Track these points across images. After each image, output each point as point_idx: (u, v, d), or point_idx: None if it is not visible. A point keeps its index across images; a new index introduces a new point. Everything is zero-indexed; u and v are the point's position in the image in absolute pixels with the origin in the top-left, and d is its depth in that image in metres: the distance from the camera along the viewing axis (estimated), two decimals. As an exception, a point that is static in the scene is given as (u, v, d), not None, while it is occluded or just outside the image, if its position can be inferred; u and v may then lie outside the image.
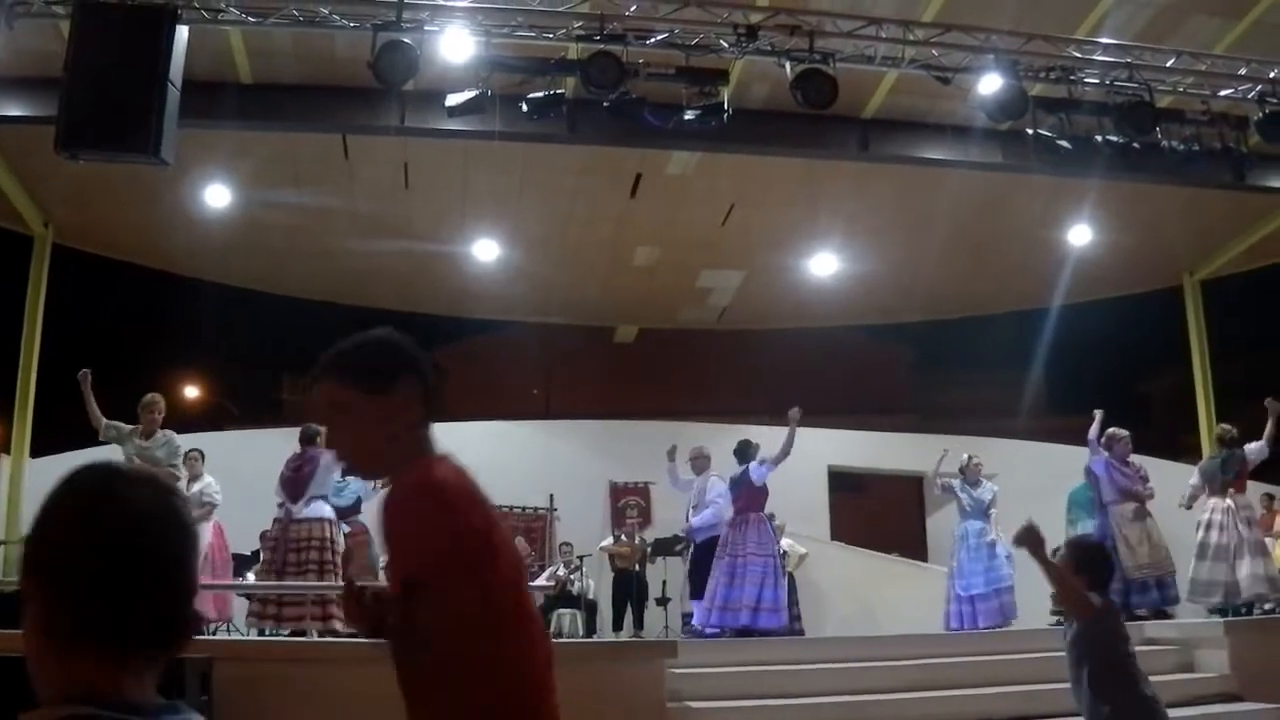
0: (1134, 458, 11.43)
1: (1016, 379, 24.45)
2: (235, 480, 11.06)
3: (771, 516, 11.12)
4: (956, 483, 11.73)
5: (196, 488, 10.57)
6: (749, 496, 10.90)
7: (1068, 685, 4.64)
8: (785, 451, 10.85)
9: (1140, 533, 10.80)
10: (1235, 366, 18.38)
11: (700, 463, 11.61)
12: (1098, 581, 4.68)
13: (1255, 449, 10.75)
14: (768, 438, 11.65)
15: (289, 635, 9.00)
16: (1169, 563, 10.77)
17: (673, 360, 23.09)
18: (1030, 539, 4.46)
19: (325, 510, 9.62)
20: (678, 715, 7.44)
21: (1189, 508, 11.14)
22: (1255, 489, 12.37)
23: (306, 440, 9.75)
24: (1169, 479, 12.07)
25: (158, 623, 1.36)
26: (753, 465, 10.93)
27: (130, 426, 9.30)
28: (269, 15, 8.72)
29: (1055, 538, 6.61)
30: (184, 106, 8.13)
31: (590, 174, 13.09)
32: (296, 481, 9.59)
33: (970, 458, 11.85)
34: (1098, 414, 11.31)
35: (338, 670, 7.16)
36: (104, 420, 9.22)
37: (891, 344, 26.38)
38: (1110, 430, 11.28)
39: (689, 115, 9.37)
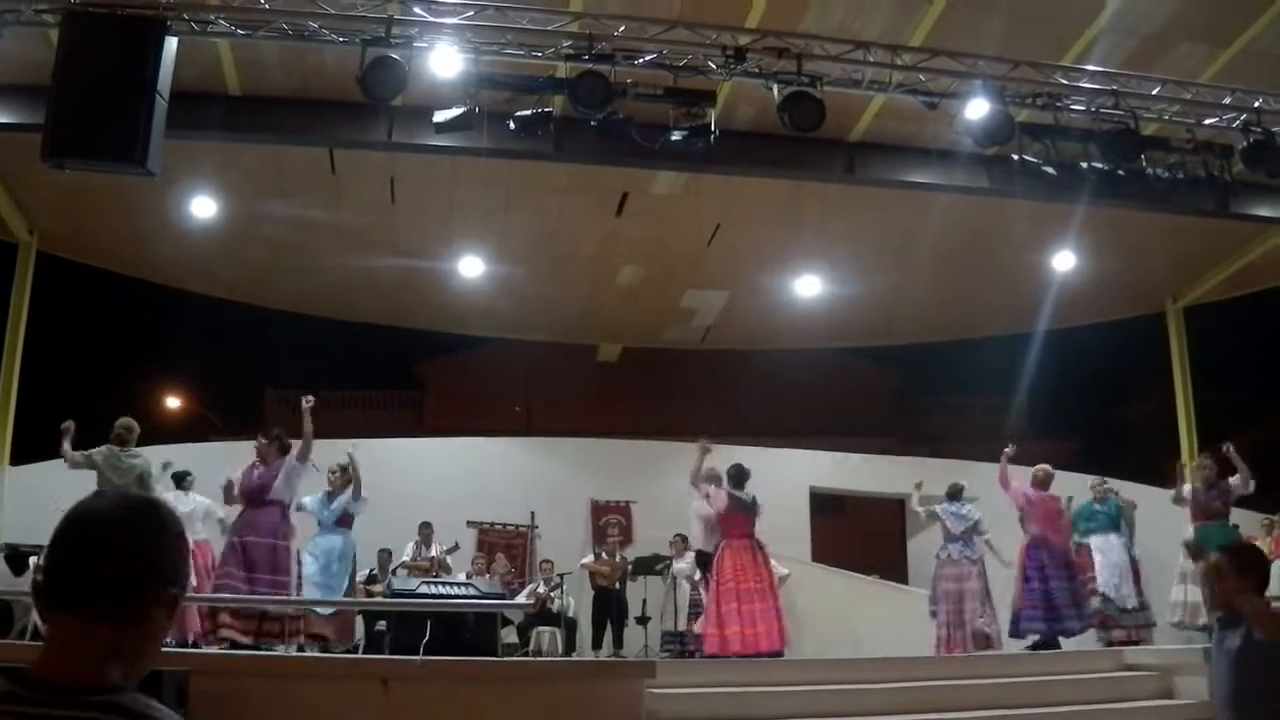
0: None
1: (1000, 403, 24.56)
2: (215, 492, 10.98)
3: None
4: (940, 508, 11.79)
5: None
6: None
7: (1045, 709, 4.61)
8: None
9: None
10: (1217, 393, 18.48)
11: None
12: (1261, 583, 4.49)
13: (1238, 483, 10.72)
14: (749, 458, 11.68)
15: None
16: None
17: (656, 380, 23.13)
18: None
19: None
20: (656, 735, 7.43)
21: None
22: (1252, 517, 12.51)
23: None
24: (1150, 504, 12.13)
25: None
26: None
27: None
28: (258, 28, 8.71)
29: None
30: (171, 117, 8.10)
31: (576, 192, 13.09)
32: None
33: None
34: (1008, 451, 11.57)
35: (314, 685, 7.14)
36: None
37: (875, 366, 26.48)
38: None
39: (676, 136, 9.36)
